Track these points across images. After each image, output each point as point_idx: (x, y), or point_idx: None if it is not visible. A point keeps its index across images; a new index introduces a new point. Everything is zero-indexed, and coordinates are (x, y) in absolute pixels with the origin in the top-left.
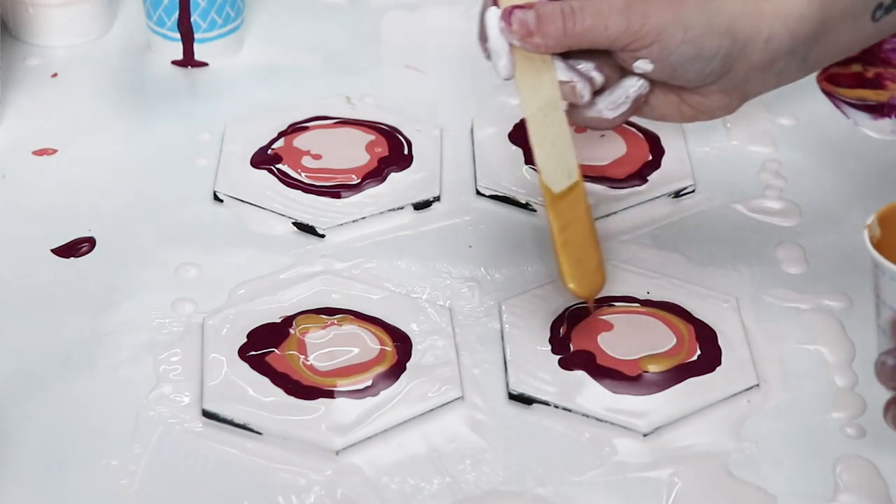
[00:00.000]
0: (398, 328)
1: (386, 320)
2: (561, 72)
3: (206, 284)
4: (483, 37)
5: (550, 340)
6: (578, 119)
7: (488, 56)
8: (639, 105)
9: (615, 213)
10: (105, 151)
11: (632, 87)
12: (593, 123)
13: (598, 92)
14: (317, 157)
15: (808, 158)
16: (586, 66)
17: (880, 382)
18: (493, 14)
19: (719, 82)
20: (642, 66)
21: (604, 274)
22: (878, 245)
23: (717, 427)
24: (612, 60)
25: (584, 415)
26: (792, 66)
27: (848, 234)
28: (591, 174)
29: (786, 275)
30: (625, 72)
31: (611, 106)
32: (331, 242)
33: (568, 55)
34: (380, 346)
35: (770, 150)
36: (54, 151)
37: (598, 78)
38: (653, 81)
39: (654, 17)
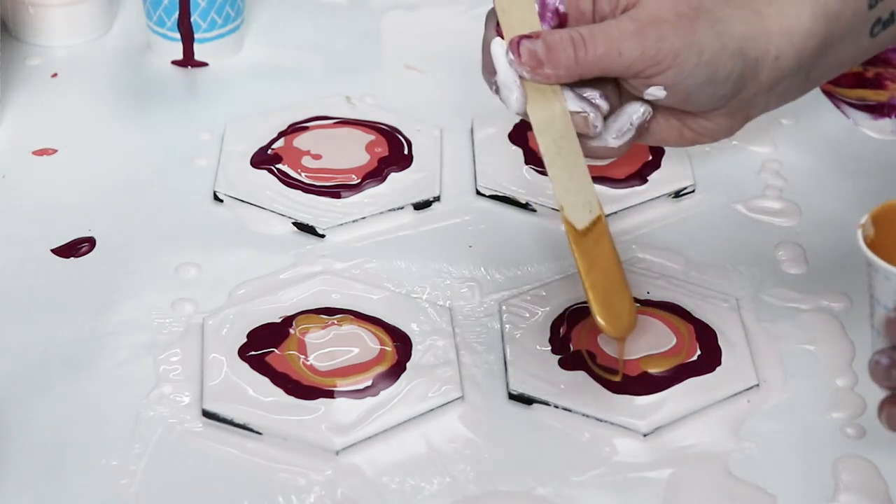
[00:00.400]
0: (398, 328)
1: (386, 320)
2: (571, 102)
3: (206, 284)
4: (489, 70)
5: (550, 340)
6: (583, 150)
7: (496, 90)
8: (642, 132)
9: (615, 213)
10: (105, 151)
11: (635, 113)
12: (599, 154)
13: None
14: (317, 157)
15: (808, 158)
16: (591, 93)
17: (874, 382)
18: (499, 45)
19: (728, 105)
20: (655, 92)
21: (635, 315)
22: (871, 244)
23: (717, 427)
24: (613, 86)
25: (584, 415)
26: (794, 85)
27: (848, 234)
28: (591, 174)
29: (786, 275)
30: (625, 97)
31: (615, 135)
32: (331, 242)
33: (573, 83)
34: (380, 346)
35: (770, 150)
36: (54, 151)
37: (605, 106)
38: (655, 106)
39: (667, 41)
